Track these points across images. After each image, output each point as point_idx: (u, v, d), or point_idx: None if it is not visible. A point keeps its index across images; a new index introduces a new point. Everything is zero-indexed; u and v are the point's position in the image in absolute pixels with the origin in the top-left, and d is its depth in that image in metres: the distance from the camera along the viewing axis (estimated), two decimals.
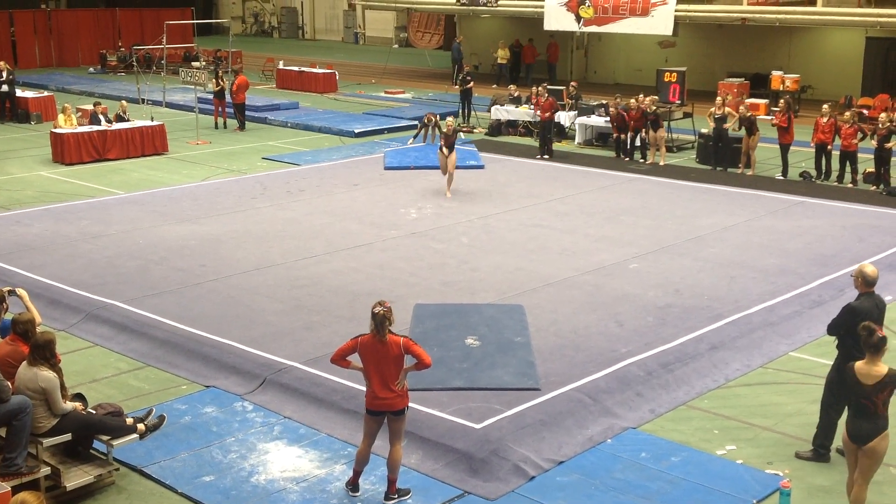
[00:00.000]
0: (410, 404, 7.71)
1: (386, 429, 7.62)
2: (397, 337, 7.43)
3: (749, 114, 19.61)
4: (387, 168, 20.25)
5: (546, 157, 21.14)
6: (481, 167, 20.16)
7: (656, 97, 21.65)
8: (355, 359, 7.56)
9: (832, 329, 8.21)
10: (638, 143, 21.11)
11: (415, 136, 21.09)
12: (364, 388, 7.63)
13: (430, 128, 20.67)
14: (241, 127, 25.17)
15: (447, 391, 9.35)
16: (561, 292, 12.28)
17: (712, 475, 8.00)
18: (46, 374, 7.54)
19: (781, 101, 20.34)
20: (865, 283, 8.07)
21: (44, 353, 7.60)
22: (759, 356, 10.50)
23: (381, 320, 7.37)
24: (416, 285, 12.54)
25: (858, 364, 7.03)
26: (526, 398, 9.14)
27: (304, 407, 9.26)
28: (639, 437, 8.72)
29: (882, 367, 6.97)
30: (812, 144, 18.95)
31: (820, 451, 8.30)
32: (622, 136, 21.29)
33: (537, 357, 10.12)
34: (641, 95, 21.18)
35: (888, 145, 17.78)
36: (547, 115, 21.13)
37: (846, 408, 7.23)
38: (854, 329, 7.38)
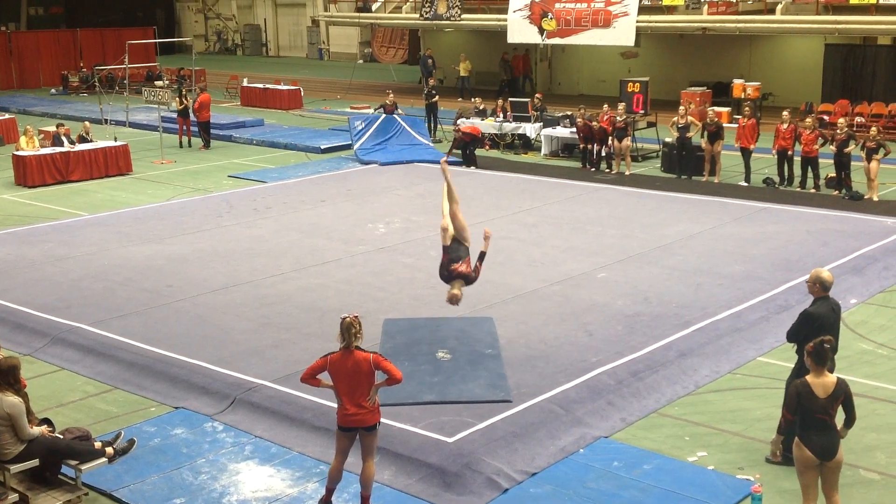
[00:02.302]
0: (382, 420, 7.68)
1: (358, 445, 7.59)
2: (367, 353, 7.41)
3: (716, 119, 19.82)
4: (365, 163, 21.99)
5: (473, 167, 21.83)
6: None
7: (624, 105, 21.86)
8: (326, 377, 7.52)
9: (791, 336, 8.26)
10: (603, 153, 21.27)
11: (376, 109, 25.30)
12: (335, 405, 7.60)
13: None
14: (206, 145, 25.07)
15: (419, 406, 9.32)
16: (530, 304, 12.31)
17: (684, 482, 8.04)
18: (12, 400, 7.45)
19: (746, 107, 20.57)
20: (823, 288, 8.14)
21: (8, 378, 7.52)
22: (727, 362, 10.58)
23: (346, 327, 7.35)
24: (385, 300, 12.52)
25: (809, 378, 6.95)
26: (498, 410, 9.14)
27: (274, 426, 9.20)
28: (611, 446, 8.74)
29: (831, 378, 6.93)
30: (773, 151, 19.16)
31: (788, 455, 8.33)
32: (589, 146, 21.43)
33: (508, 369, 10.13)
34: (606, 106, 21.36)
35: (847, 150, 18.00)
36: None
37: (801, 426, 7.04)
38: (812, 335, 7.40)
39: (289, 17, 55.25)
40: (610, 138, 20.78)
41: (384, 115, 24.17)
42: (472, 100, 27.02)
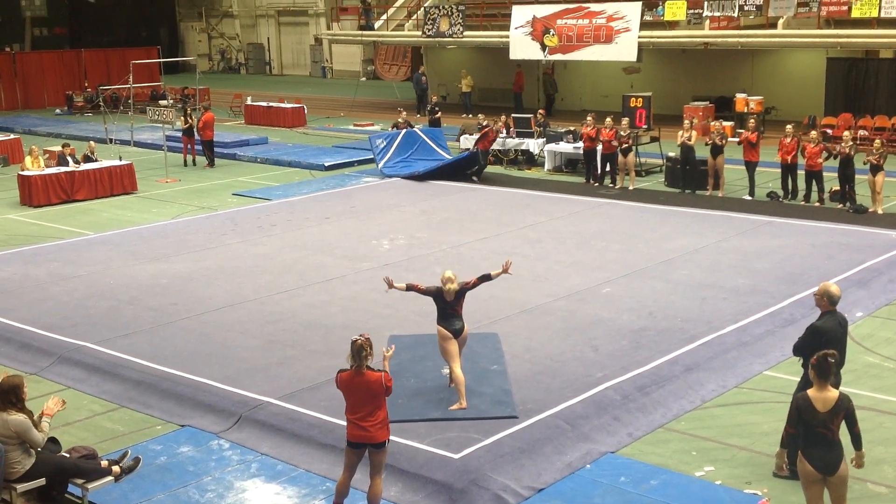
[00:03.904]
0: (390, 436, 7.67)
1: (366, 462, 7.59)
2: (377, 373, 7.42)
3: (722, 131, 19.82)
4: (387, 175, 22.52)
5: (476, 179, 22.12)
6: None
7: (628, 119, 21.86)
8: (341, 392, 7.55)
9: (797, 350, 8.25)
10: (607, 168, 21.28)
11: (393, 127, 25.51)
12: (341, 422, 7.60)
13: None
14: (211, 164, 25.14)
15: (425, 422, 9.31)
16: (535, 319, 12.31)
17: (692, 497, 8.02)
18: (16, 418, 7.47)
19: (751, 120, 20.60)
20: (830, 302, 8.14)
21: (10, 397, 7.54)
22: (733, 376, 10.56)
23: (357, 350, 7.37)
24: (391, 317, 12.52)
25: (811, 392, 6.96)
26: (504, 426, 9.13)
27: (280, 443, 9.19)
28: (617, 461, 8.73)
29: (833, 392, 6.92)
30: (781, 162, 19.00)
31: (794, 468, 8.31)
32: (592, 162, 21.36)
33: (514, 385, 10.12)
34: (618, 121, 21.36)
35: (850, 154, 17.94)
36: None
37: (803, 440, 7.06)
38: (819, 349, 7.39)
39: (292, 36, 55.49)
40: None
41: (405, 131, 24.13)
42: (477, 116, 27.09)
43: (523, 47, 30.90)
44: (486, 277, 9.78)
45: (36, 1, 47.60)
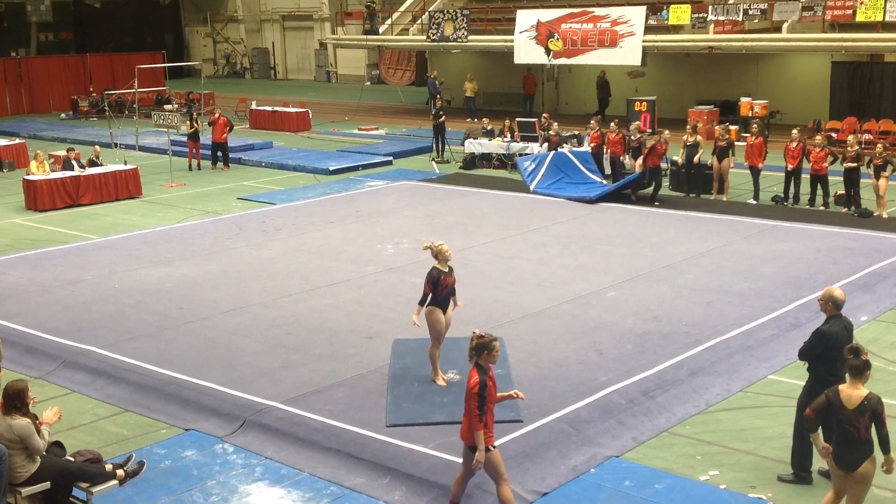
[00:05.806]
0: (393, 440, 7.69)
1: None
2: (475, 377, 7.44)
3: (726, 136, 19.80)
4: (535, 192, 20.74)
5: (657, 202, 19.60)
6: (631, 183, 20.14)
7: (639, 123, 21.85)
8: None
9: (803, 354, 8.24)
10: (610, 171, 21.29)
11: (541, 143, 23.19)
12: (345, 426, 7.59)
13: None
14: (226, 164, 25.39)
15: (429, 426, 9.31)
16: (539, 323, 12.30)
17: (696, 501, 8.01)
18: (20, 422, 7.49)
19: (754, 125, 20.58)
20: (835, 307, 8.13)
21: (14, 402, 7.56)
22: (738, 380, 10.55)
23: (470, 340, 7.61)
24: (395, 320, 12.51)
25: (842, 387, 6.98)
26: (508, 430, 9.12)
27: (285, 447, 9.20)
28: (622, 465, 8.72)
29: (861, 391, 6.94)
30: (788, 167, 18.95)
31: (801, 474, 8.31)
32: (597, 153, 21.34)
33: (518, 389, 10.08)
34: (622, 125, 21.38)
35: (861, 164, 17.93)
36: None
37: (833, 434, 7.11)
38: (825, 354, 7.37)
39: (297, 41, 55.59)
40: (626, 156, 20.72)
41: (553, 153, 21.97)
42: (482, 120, 27.13)
43: (528, 51, 30.93)
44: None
45: (42, 6, 47.73)
